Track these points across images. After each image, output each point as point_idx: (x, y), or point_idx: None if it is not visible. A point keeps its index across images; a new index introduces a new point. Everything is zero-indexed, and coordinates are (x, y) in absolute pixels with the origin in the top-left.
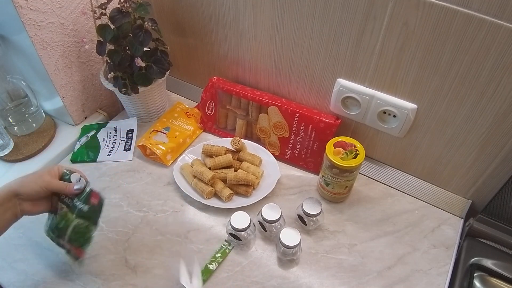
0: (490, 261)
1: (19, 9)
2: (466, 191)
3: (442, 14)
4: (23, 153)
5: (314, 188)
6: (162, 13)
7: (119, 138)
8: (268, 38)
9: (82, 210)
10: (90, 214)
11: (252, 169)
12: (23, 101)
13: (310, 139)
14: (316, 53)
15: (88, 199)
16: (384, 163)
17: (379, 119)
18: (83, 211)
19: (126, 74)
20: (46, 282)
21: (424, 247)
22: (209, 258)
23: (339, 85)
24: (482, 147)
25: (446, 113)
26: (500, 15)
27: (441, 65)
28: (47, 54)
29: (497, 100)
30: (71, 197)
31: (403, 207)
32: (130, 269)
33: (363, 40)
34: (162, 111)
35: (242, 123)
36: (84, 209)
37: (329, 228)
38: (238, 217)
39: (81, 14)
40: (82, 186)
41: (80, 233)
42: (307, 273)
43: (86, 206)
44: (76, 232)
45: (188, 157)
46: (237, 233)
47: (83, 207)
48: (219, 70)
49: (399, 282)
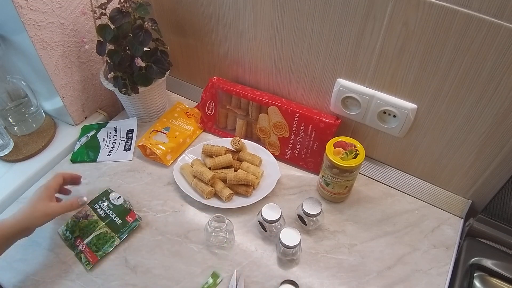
0: (490, 261)
1: (19, 9)
2: (466, 191)
3: (442, 14)
4: (23, 153)
5: (314, 188)
6: (162, 13)
7: (119, 138)
8: (268, 38)
9: (115, 222)
10: (120, 228)
11: (252, 169)
12: (23, 101)
13: (310, 139)
14: (316, 53)
15: (125, 215)
16: (384, 163)
17: (379, 119)
18: (115, 223)
19: (126, 74)
20: (46, 282)
21: (424, 247)
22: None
23: (339, 85)
24: (482, 147)
25: (446, 113)
26: (500, 15)
27: (441, 65)
28: (47, 54)
29: (497, 100)
30: (106, 206)
31: (403, 207)
32: (130, 269)
33: (363, 40)
34: (162, 111)
35: (242, 123)
36: (117, 222)
37: (329, 228)
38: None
39: (81, 14)
40: (85, 201)
41: (103, 240)
42: (307, 273)
43: (120, 220)
44: (99, 238)
45: (188, 157)
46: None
47: (117, 220)
48: (219, 70)
49: (399, 282)
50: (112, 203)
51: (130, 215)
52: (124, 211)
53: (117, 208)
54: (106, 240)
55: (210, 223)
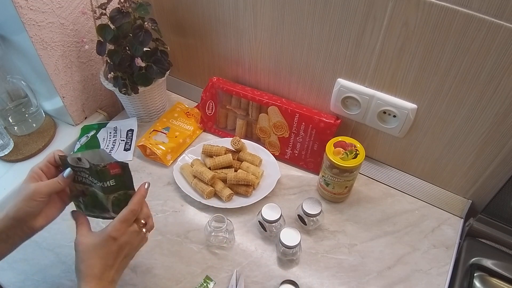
0: (490, 261)
1: (19, 9)
2: (466, 191)
3: (442, 14)
4: (23, 153)
5: (314, 188)
6: (162, 13)
7: (119, 138)
8: (268, 38)
9: (108, 187)
10: (119, 184)
11: (252, 169)
12: (23, 101)
13: (310, 139)
14: (316, 53)
15: (107, 174)
16: (384, 163)
17: (379, 119)
18: (111, 187)
19: (126, 74)
20: (46, 282)
21: (424, 247)
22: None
23: (339, 85)
24: (482, 147)
25: (446, 113)
26: (500, 15)
27: (441, 65)
28: (47, 54)
29: (497, 100)
30: (87, 178)
31: (403, 207)
32: (130, 269)
33: (363, 40)
34: (162, 111)
35: (242, 123)
36: (110, 184)
37: (329, 228)
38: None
39: (81, 14)
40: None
41: (121, 200)
42: (307, 273)
43: (109, 181)
44: (117, 204)
45: (188, 157)
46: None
47: (107, 183)
48: (219, 70)
49: (399, 282)
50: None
51: (112, 168)
52: (101, 173)
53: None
54: (124, 199)
55: (210, 223)
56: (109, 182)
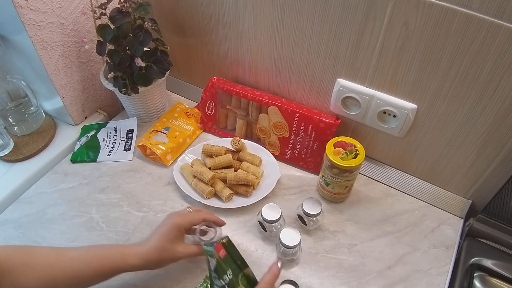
0: (490, 261)
1: (19, 9)
2: (466, 191)
3: (442, 14)
4: (23, 153)
5: (314, 188)
6: (162, 13)
7: (119, 138)
8: (268, 38)
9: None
10: (231, 265)
11: (252, 169)
12: (23, 101)
13: (310, 139)
14: (316, 53)
15: (215, 256)
16: (384, 163)
17: (379, 119)
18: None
19: (126, 74)
20: None
21: (424, 247)
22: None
23: (339, 85)
24: (482, 147)
25: (446, 113)
26: (500, 15)
27: (441, 65)
28: (47, 54)
29: (497, 100)
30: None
31: (403, 207)
32: None
33: (363, 40)
34: (162, 111)
35: (242, 123)
36: (228, 275)
37: (329, 228)
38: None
39: (81, 14)
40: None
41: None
42: (307, 273)
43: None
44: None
45: (188, 157)
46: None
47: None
48: (219, 70)
49: (399, 282)
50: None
51: (217, 251)
52: (211, 257)
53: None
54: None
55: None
56: (228, 273)
